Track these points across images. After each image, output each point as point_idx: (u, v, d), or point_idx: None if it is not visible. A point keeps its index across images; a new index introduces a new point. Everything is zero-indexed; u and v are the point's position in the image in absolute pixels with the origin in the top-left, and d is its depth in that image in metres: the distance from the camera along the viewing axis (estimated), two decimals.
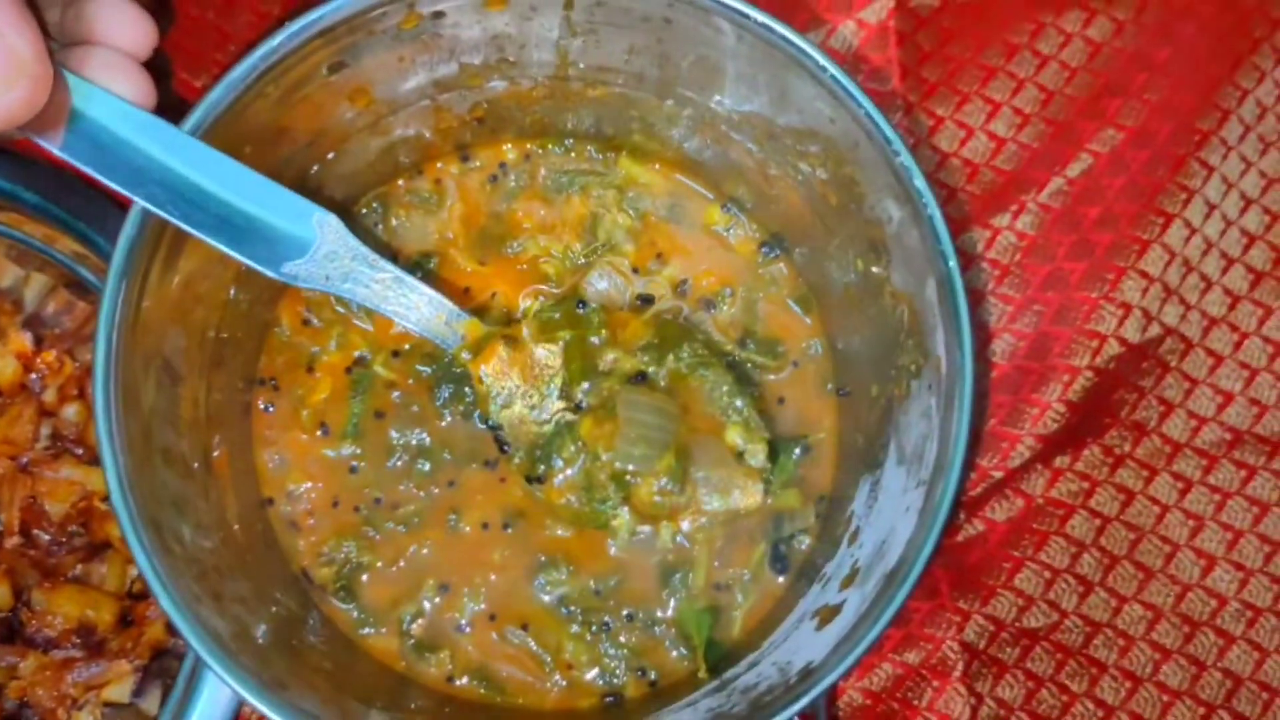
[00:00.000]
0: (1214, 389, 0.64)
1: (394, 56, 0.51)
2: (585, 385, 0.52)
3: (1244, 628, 0.62)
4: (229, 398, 0.55)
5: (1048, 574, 0.62)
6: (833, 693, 0.59)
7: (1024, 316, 0.65)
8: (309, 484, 0.56)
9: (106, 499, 0.61)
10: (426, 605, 0.55)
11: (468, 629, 0.55)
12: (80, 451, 0.62)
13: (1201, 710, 0.61)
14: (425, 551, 0.55)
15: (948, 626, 0.61)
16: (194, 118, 0.45)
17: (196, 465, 0.50)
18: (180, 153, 0.44)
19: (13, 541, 0.60)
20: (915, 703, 0.60)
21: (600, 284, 0.58)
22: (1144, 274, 0.64)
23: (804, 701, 0.44)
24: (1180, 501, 0.63)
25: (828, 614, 0.49)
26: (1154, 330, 0.64)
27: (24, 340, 0.63)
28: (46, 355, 0.63)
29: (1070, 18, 0.68)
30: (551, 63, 0.54)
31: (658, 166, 0.60)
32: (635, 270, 0.59)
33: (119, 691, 0.58)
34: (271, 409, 0.57)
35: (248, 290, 0.54)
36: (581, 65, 0.54)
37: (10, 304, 0.64)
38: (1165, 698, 0.61)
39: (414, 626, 0.55)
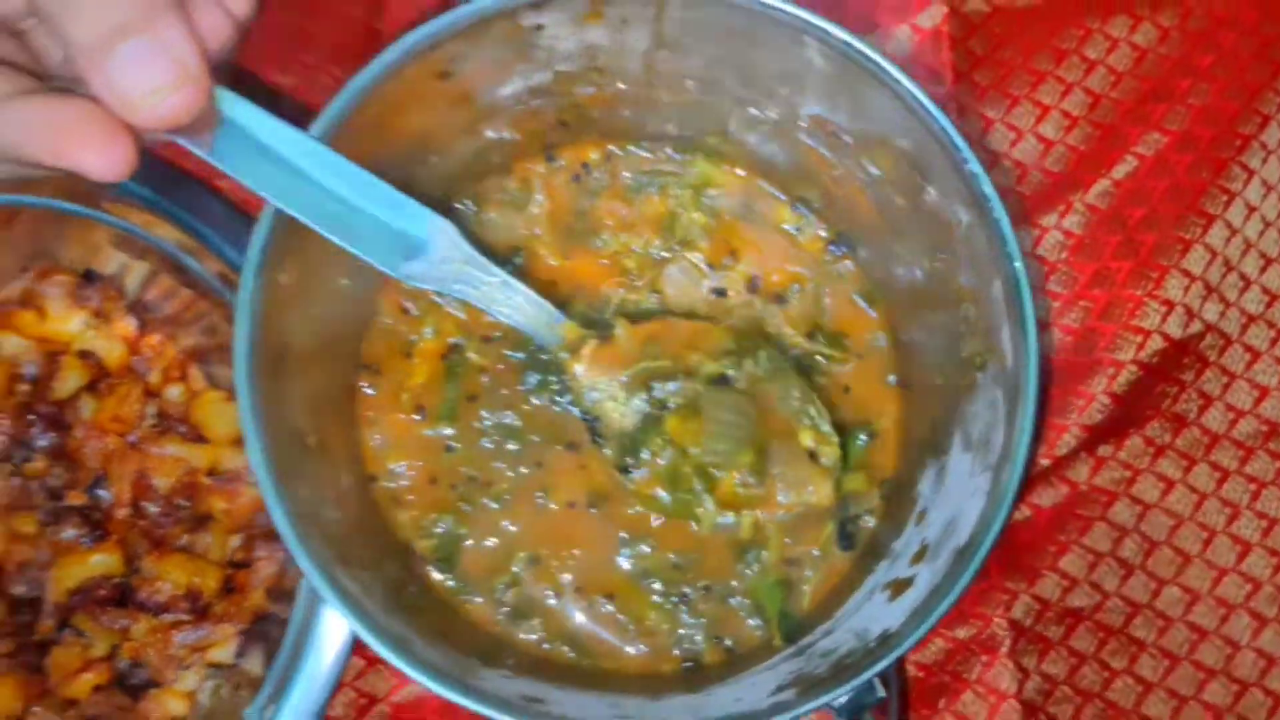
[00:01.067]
0: (1251, 383, 0.65)
1: (496, 66, 0.53)
2: (672, 386, 0.54)
3: (1277, 610, 0.63)
4: (337, 381, 0.56)
5: (1091, 557, 0.63)
6: (900, 660, 0.62)
7: (1071, 312, 0.66)
8: (409, 462, 0.57)
9: (210, 473, 0.64)
10: (519, 576, 0.57)
11: (557, 598, 0.57)
12: (184, 429, 0.63)
13: (1235, 688, 0.62)
14: (516, 527, 0.57)
15: (997, 605, 0.63)
16: (319, 124, 0.47)
17: (313, 443, 0.52)
18: (310, 157, 0.46)
19: (124, 513, 0.61)
20: (966, 676, 0.62)
21: (678, 278, 0.60)
22: (1186, 273, 0.65)
23: (885, 663, 0.46)
24: (1218, 490, 0.64)
25: (900, 586, 0.51)
26: (1195, 326, 0.65)
27: (129, 325, 0.65)
28: (150, 339, 0.65)
29: (1117, 24, 0.69)
30: (638, 70, 0.55)
31: (733, 168, 0.61)
32: (710, 266, 0.60)
33: (223, 653, 0.60)
34: (373, 392, 0.58)
35: (356, 282, 0.56)
36: (665, 72, 0.55)
37: (114, 290, 0.65)
38: (1201, 675, 0.62)
39: (508, 595, 0.57)
